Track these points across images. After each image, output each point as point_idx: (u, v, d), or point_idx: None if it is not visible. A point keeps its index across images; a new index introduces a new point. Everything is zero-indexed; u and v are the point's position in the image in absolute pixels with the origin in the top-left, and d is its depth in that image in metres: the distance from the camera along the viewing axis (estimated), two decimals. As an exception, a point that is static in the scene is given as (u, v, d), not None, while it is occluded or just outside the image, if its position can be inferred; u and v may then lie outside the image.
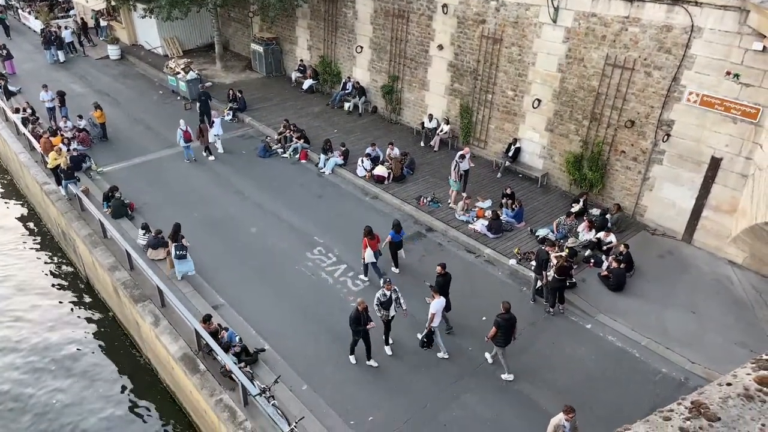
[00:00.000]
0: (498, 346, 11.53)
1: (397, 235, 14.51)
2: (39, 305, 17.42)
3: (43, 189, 18.49)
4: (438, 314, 11.78)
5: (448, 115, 21.28)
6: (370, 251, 13.96)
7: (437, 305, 11.69)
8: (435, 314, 11.69)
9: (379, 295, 11.80)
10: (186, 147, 20.22)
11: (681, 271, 14.65)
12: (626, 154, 16.46)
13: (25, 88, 26.24)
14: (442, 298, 11.93)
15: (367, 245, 13.96)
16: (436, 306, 11.68)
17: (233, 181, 19.12)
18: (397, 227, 14.46)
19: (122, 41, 32.95)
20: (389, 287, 11.77)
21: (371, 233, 13.97)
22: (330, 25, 25.37)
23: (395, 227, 14.46)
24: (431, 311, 11.71)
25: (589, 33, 16.25)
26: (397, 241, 14.66)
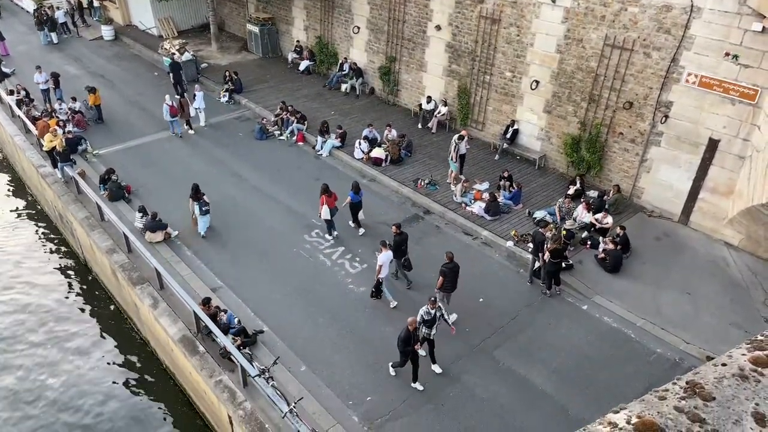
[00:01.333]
0: (445, 292, 12.55)
1: (356, 195, 15.27)
2: (36, 288, 17.45)
3: (39, 172, 18.40)
4: (385, 266, 12.75)
5: (446, 96, 21.15)
6: (326, 208, 14.72)
7: (383, 257, 12.68)
8: (382, 266, 12.69)
9: (423, 312, 10.98)
10: (172, 121, 20.53)
11: (677, 253, 14.73)
12: (624, 136, 16.43)
13: (19, 70, 25.94)
14: (389, 252, 12.89)
15: (324, 202, 14.75)
16: (382, 258, 12.67)
17: (230, 164, 19.05)
18: (355, 188, 15.23)
19: (116, 22, 32.52)
20: (433, 305, 10.98)
21: (328, 190, 14.79)
22: (327, 5, 25.05)
23: (354, 188, 15.24)
24: (378, 263, 12.72)
25: (588, 13, 16.10)
26: (356, 201, 15.39)
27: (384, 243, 12.97)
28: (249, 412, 10.44)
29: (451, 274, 12.41)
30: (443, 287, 12.48)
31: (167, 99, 20.36)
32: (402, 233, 13.44)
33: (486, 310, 13.09)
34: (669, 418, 2.08)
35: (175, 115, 20.43)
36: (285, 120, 21.11)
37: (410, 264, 13.66)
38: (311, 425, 10.00)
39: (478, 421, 10.56)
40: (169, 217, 15.69)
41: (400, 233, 13.40)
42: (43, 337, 15.65)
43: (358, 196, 15.30)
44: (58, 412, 13.63)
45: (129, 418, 13.48)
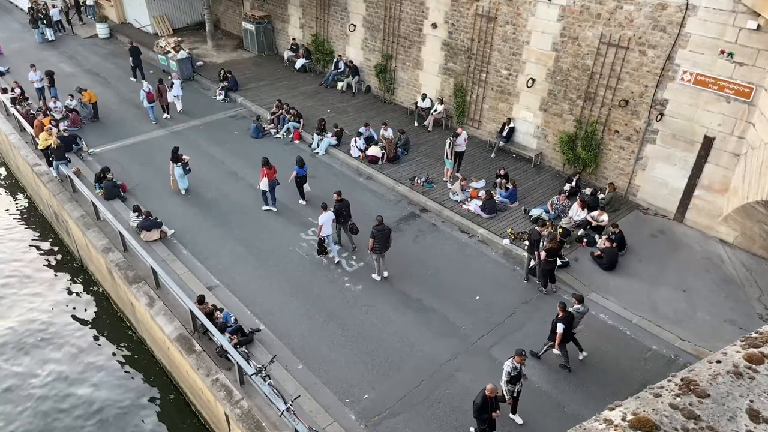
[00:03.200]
0: (376, 253, 13.55)
1: (300, 169, 16.36)
2: (32, 287, 17.39)
3: (34, 170, 18.33)
4: (326, 226, 14.12)
5: (442, 94, 21.16)
6: (265, 180, 15.95)
7: (322, 218, 14.05)
8: (322, 225, 14.07)
9: (509, 369, 10.15)
10: (150, 107, 21.21)
11: (672, 250, 14.79)
12: (620, 134, 16.47)
13: (14, 68, 25.82)
14: (329, 212, 14.19)
15: (264, 174, 15.90)
16: (322, 219, 14.07)
17: (226, 162, 19.02)
18: (299, 162, 16.36)
19: (111, 20, 32.38)
20: (520, 360, 10.11)
21: (268, 164, 16.01)
22: (323, 3, 25.00)
23: (298, 162, 16.34)
24: (319, 223, 14.12)
25: (584, 11, 16.12)
26: (301, 175, 16.48)
27: (324, 205, 14.21)
28: (246, 410, 10.44)
29: (381, 236, 13.37)
30: (374, 249, 13.46)
31: (144, 85, 21.15)
32: (343, 200, 14.61)
33: (482, 308, 13.12)
34: (664, 415, 2.09)
35: (152, 101, 21.20)
36: (281, 118, 21.08)
37: (356, 228, 14.57)
38: (308, 423, 10.00)
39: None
40: (165, 216, 15.66)
41: (341, 200, 14.59)
42: (38, 337, 15.59)
43: (302, 170, 16.37)
44: (52, 411, 13.59)
45: (125, 417, 13.45)
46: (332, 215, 14.25)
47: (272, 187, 16.11)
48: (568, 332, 11.26)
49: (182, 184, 17.24)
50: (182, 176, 17.10)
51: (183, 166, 16.95)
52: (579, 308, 11.51)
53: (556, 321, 11.12)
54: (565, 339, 11.31)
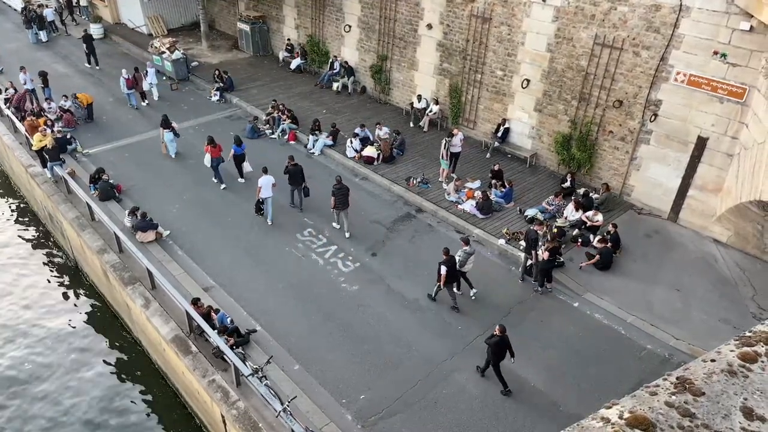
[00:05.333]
0: (338, 210, 15.15)
1: (238, 148, 17.30)
2: (27, 288, 17.31)
3: (28, 171, 18.25)
4: (264, 188, 15.26)
5: (438, 95, 21.20)
6: (209, 156, 17.14)
7: (261, 181, 15.24)
8: (260, 188, 15.24)
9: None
10: (129, 94, 22.37)
11: (667, 250, 14.88)
12: (614, 134, 16.55)
13: (7, 69, 25.67)
14: (269, 176, 15.33)
15: (209, 151, 17.09)
16: (261, 181, 15.25)
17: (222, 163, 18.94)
18: (237, 141, 17.31)
19: (105, 20, 32.26)
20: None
21: (213, 142, 17.15)
22: (318, 4, 25.00)
23: (236, 141, 17.32)
24: (258, 185, 15.29)
25: (579, 12, 16.20)
26: (239, 153, 17.38)
27: (264, 169, 15.57)
28: (242, 411, 10.44)
29: (340, 194, 14.90)
30: (335, 206, 15.05)
31: (123, 72, 22.16)
32: (296, 165, 16.07)
33: (478, 308, 13.16)
34: (660, 413, 2.12)
35: (131, 88, 22.36)
36: (276, 119, 21.06)
37: (308, 192, 16.27)
38: (305, 424, 10.02)
39: (470, 417, 10.63)
40: (161, 216, 15.63)
41: (295, 165, 16.05)
42: (33, 339, 15.52)
43: (240, 149, 17.33)
44: (48, 413, 13.53)
45: (120, 419, 13.42)
46: (271, 179, 15.35)
47: (217, 164, 17.28)
48: (453, 273, 12.61)
49: (172, 149, 18.85)
50: (171, 141, 18.78)
51: (173, 133, 18.70)
52: (466, 249, 12.99)
53: (440, 264, 12.45)
54: (450, 280, 12.64)
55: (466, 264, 13.03)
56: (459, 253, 12.96)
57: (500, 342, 10.84)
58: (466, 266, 13.05)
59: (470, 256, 13.01)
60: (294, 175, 16.01)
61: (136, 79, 22.65)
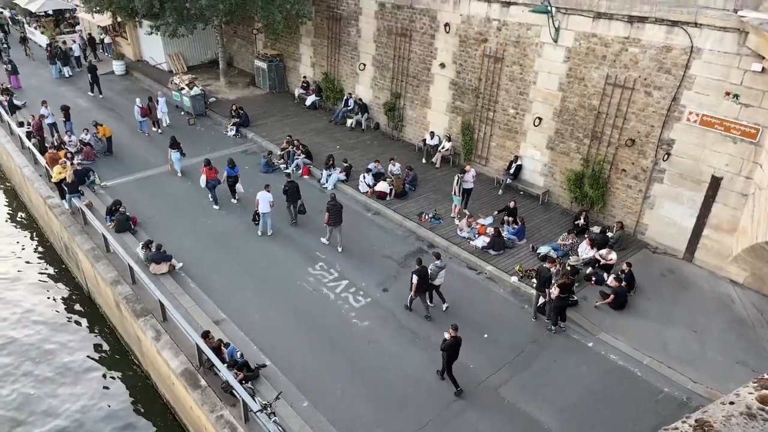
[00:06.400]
0: (330, 226, 15.96)
1: (231, 170, 18.27)
2: (39, 318, 17.41)
3: (46, 203, 18.59)
4: (262, 202, 16.28)
5: (450, 132, 21.45)
6: (204, 177, 18.21)
7: (260, 195, 16.30)
8: (258, 201, 16.31)
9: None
10: (142, 121, 23.86)
11: (682, 290, 14.67)
12: (627, 173, 16.57)
13: (30, 103, 26.48)
14: (267, 193, 16.29)
15: (205, 173, 18.18)
16: (259, 195, 16.32)
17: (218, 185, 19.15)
18: (230, 163, 18.35)
19: (127, 57, 33.32)
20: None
21: (209, 164, 18.31)
22: (333, 43, 25.68)
23: (229, 164, 18.33)
24: (257, 198, 16.39)
25: (590, 53, 16.46)
26: (232, 175, 18.33)
27: (266, 186, 16.52)
28: (250, 448, 10.27)
29: (334, 210, 15.76)
30: (329, 222, 15.85)
31: (138, 101, 23.66)
32: (292, 182, 17.34)
33: (490, 346, 12.98)
34: (679, 457, 2.09)
35: (144, 116, 23.81)
36: (291, 153, 21.38)
37: (304, 209, 17.38)
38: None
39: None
40: (174, 249, 15.76)
41: (291, 182, 17.35)
42: (43, 369, 15.53)
43: (233, 171, 18.30)
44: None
45: (127, 454, 13.25)
46: (269, 196, 16.24)
47: (213, 186, 18.28)
48: (425, 283, 13.30)
49: (178, 167, 20.36)
50: (179, 160, 20.37)
51: (180, 152, 20.30)
52: (437, 263, 13.56)
53: (413, 273, 13.25)
54: (422, 289, 13.36)
55: (437, 278, 13.60)
56: (431, 266, 13.55)
57: (455, 343, 11.44)
58: (437, 280, 13.64)
59: (441, 270, 13.58)
60: (291, 193, 17.11)
61: (150, 108, 24.06)
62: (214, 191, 18.38)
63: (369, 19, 23.39)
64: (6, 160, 23.93)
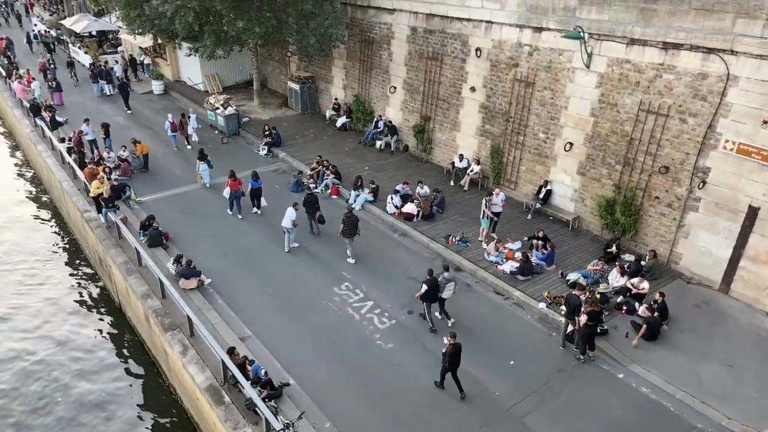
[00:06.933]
0: (346, 237, 16.33)
1: (255, 182, 18.95)
2: (70, 328, 17.82)
3: (83, 216, 19.14)
4: (285, 218, 16.75)
5: (479, 155, 21.43)
6: (229, 189, 18.86)
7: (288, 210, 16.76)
8: (284, 217, 16.75)
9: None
10: (173, 136, 24.68)
11: (718, 322, 14.21)
12: (660, 200, 16.25)
13: (72, 119, 27.46)
14: (293, 210, 16.74)
15: (229, 185, 18.80)
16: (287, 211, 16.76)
17: (265, 214, 19.46)
18: (254, 176, 18.96)
19: (166, 77, 34.39)
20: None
21: (234, 176, 18.98)
22: (365, 66, 26.07)
23: (252, 176, 18.95)
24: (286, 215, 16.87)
25: (623, 79, 16.33)
26: (256, 188, 19.01)
27: (294, 204, 16.99)
28: (271, 467, 10.23)
29: (349, 222, 16.16)
30: (344, 233, 16.25)
31: (169, 117, 24.74)
32: (312, 195, 17.98)
33: (517, 374, 12.74)
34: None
35: (175, 131, 24.62)
36: (320, 173, 21.63)
37: (323, 219, 17.86)
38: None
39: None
40: (204, 265, 16.00)
41: (311, 194, 17.94)
42: (70, 376, 15.86)
43: (256, 183, 18.99)
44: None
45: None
46: (293, 214, 16.72)
47: (236, 197, 18.94)
48: (434, 294, 13.54)
49: (206, 179, 21.10)
50: (206, 171, 21.06)
51: (208, 164, 20.99)
52: (446, 275, 13.74)
53: (423, 282, 13.57)
54: (430, 299, 13.62)
55: (445, 290, 13.76)
56: (440, 278, 13.75)
57: (454, 350, 11.61)
58: (445, 292, 13.80)
59: (449, 283, 13.73)
60: (309, 204, 17.68)
61: (182, 124, 25.11)
62: (238, 202, 19.06)
63: (401, 43, 23.71)
64: (47, 174, 24.78)
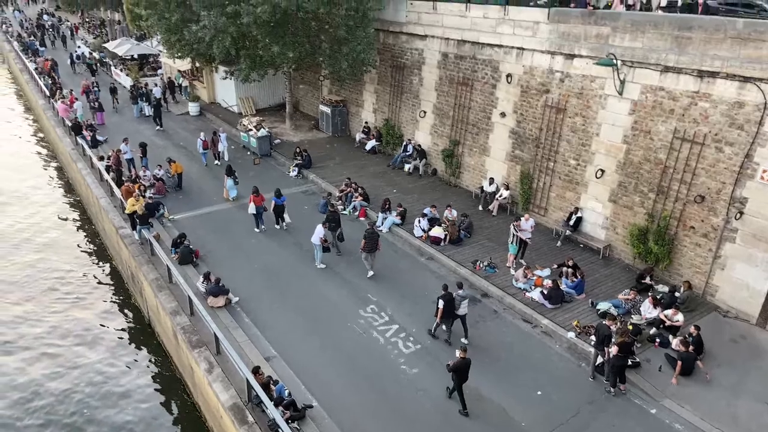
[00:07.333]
0: (366, 252, 16.67)
1: (278, 199, 19.35)
2: (100, 341, 18.17)
3: (118, 232, 19.63)
4: (315, 234, 17.09)
5: (508, 180, 21.31)
6: (253, 205, 19.26)
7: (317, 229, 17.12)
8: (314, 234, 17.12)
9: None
10: (203, 153, 25.75)
11: (755, 358, 13.66)
12: (695, 230, 15.85)
13: (111, 139, 28.39)
14: (321, 228, 17.14)
15: (253, 200, 19.22)
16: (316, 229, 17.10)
17: (293, 234, 19.66)
18: (277, 193, 19.39)
19: (202, 99, 35.38)
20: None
21: (257, 192, 19.38)
22: (396, 90, 26.37)
23: (276, 193, 19.37)
24: None
25: (657, 106, 16.13)
26: (279, 204, 19.40)
27: (324, 223, 17.61)
28: (292, 490, 10.13)
29: (370, 237, 16.55)
30: (364, 248, 16.61)
31: (201, 135, 25.79)
32: (335, 212, 18.35)
33: (544, 405, 12.43)
34: None
35: (206, 148, 25.69)
36: (349, 195, 21.80)
37: (342, 236, 18.10)
38: None
39: None
40: (231, 283, 16.19)
41: (333, 211, 18.32)
42: (95, 389, 16.14)
43: (280, 200, 19.38)
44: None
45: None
46: (322, 231, 17.08)
47: (260, 212, 19.45)
48: (450, 310, 13.74)
49: (232, 193, 21.91)
50: (232, 186, 21.88)
51: (234, 180, 21.75)
52: (459, 293, 13.86)
53: (438, 298, 13.79)
54: (446, 315, 13.82)
55: (461, 307, 13.93)
56: (454, 295, 13.87)
57: (463, 365, 11.79)
58: (460, 309, 13.97)
59: (464, 300, 13.92)
60: (331, 220, 17.96)
61: (214, 142, 26.11)
62: (261, 217, 19.65)
63: (432, 68, 23.95)
64: (85, 191, 25.57)
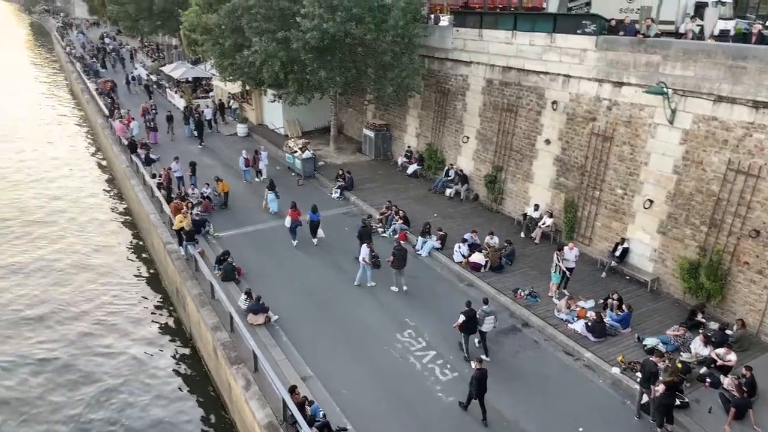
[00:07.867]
0: (396, 268, 17.22)
1: (313, 215, 20.19)
2: (141, 353, 18.62)
3: (166, 248, 20.25)
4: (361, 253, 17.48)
5: (552, 208, 20.95)
6: (289, 218, 20.10)
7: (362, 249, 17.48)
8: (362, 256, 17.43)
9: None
10: (245, 171, 26.86)
11: (817, 405, 12.80)
12: (750, 266, 15.14)
13: (164, 157, 29.48)
14: (366, 248, 17.40)
15: (290, 214, 20.07)
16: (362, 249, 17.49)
17: (333, 255, 19.83)
18: (313, 209, 20.31)
19: (250, 121, 36.43)
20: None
21: (295, 206, 20.23)
22: (439, 116, 26.50)
23: (312, 209, 20.28)
24: None
25: (709, 136, 15.64)
26: (314, 220, 20.22)
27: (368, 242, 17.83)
28: None
29: (399, 254, 17.06)
30: (393, 264, 17.12)
31: (243, 153, 27.19)
32: (366, 227, 18.94)
33: (585, 441, 11.97)
34: None
35: (248, 166, 26.86)
36: (389, 218, 21.86)
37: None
38: None
39: None
40: (272, 301, 16.39)
41: (365, 226, 19.00)
42: (137, 398, 16.53)
43: (315, 216, 20.20)
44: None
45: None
46: (367, 251, 17.41)
47: (295, 226, 20.18)
48: (472, 325, 13.91)
49: (273, 208, 22.95)
50: (273, 200, 22.93)
51: (275, 194, 22.83)
52: (484, 308, 14.01)
53: (461, 312, 13.86)
54: (468, 330, 14.00)
55: (485, 323, 14.07)
56: (479, 311, 14.02)
57: (481, 376, 11.97)
58: (484, 326, 14.12)
59: (488, 316, 14.05)
60: (363, 235, 18.44)
61: (255, 159, 27.48)
62: (296, 231, 20.39)
63: (476, 94, 23.99)
64: (137, 207, 26.55)
